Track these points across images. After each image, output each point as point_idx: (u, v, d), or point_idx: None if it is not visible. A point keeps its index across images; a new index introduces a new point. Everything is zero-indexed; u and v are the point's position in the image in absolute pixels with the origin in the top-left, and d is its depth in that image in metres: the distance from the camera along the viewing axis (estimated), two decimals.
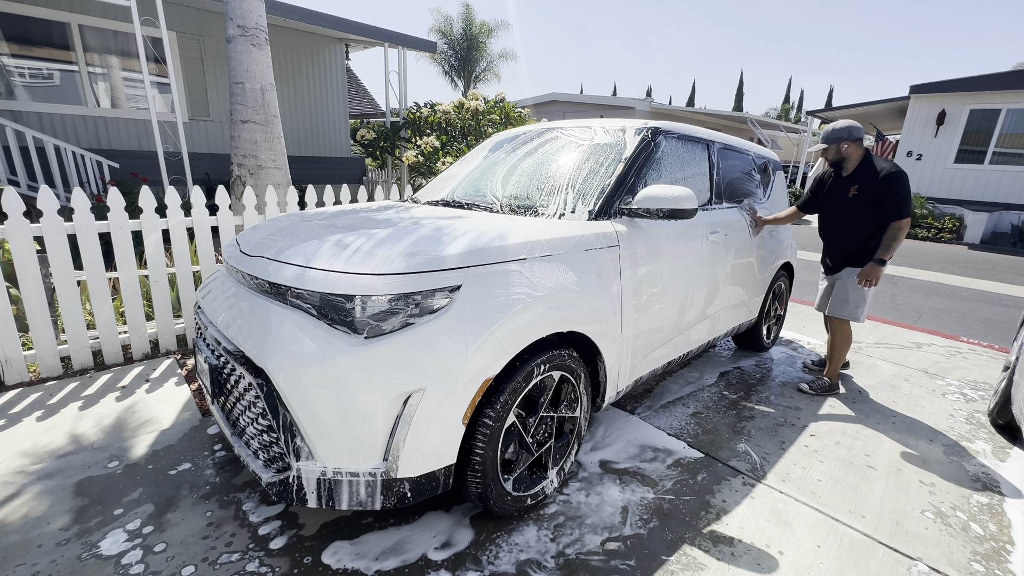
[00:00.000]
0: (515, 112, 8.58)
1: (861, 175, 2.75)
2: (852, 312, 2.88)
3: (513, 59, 22.49)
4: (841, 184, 2.85)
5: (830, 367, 3.03)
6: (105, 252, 3.03)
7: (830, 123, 2.83)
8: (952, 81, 11.29)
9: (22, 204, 2.56)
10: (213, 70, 8.66)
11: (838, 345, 2.99)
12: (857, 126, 2.74)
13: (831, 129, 2.78)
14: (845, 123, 2.76)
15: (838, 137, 2.74)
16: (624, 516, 1.87)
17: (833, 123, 2.80)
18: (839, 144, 2.75)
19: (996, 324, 4.72)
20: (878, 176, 2.66)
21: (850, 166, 2.80)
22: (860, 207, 2.75)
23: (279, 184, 3.65)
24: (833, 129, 2.77)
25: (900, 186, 2.60)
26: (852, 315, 2.88)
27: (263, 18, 3.46)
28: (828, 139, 2.78)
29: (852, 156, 2.78)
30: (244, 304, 1.71)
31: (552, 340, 1.80)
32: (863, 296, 2.84)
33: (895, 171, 2.62)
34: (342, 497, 1.47)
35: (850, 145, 2.74)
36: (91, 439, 2.21)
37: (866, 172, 2.72)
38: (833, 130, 2.77)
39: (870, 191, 2.69)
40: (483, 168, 2.75)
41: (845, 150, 2.77)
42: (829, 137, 2.77)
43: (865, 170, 2.73)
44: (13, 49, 7.06)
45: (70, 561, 1.57)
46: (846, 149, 2.76)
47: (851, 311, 2.88)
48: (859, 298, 2.85)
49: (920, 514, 1.97)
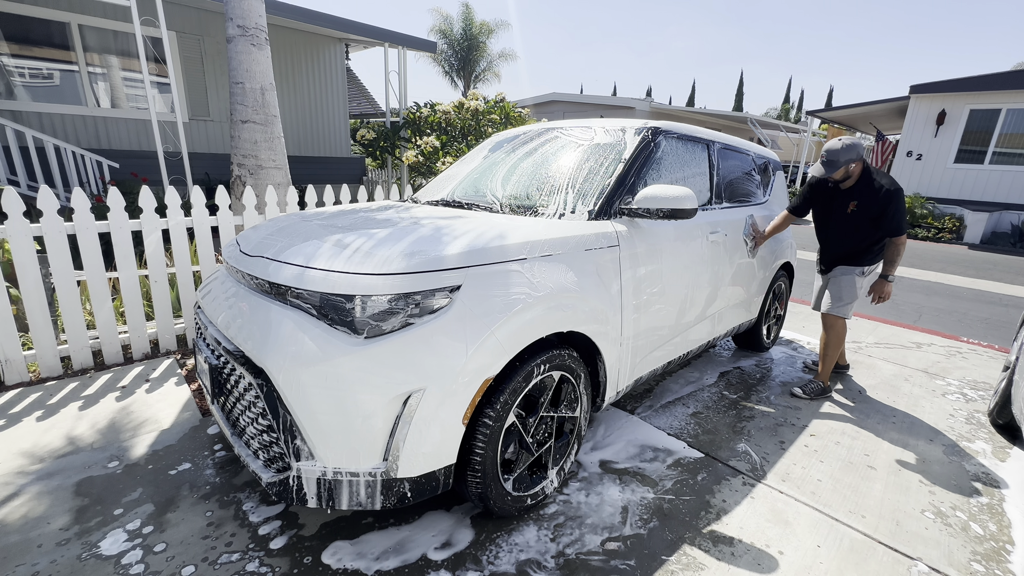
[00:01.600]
0: (515, 112, 8.58)
1: (861, 191, 2.73)
2: (843, 309, 2.89)
3: (513, 59, 22.51)
4: (840, 197, 2.83)
5: (822, 368, 3.00)
6: (105, 252, 3.03)
7: (833, 142, 2.67)
8: (952, 81, 11.28)
9: (22, 204, 2.56)
10: (213, 70, 8.66)
11: (831, 343, 2.97)
12: (861, 145, 2.67)
13: (839, 149, 2.64)
14: (850, 142, 2.64)
15: (848, 160, 2.64)
16: (624, 516, 1.87)
17: (836, 143, 2.66)
18: (847, 166, 2.69)
19: (996, 324, 4.72)
20: (878, 194, 2.65)
21: (850, 182, 2.78)
22: (858, 222, 2.77)
23: (279, 184, 3.65)
24: (844, 148, 2.63)
25: (899, 205, 2.64)
26: (843, 312, 2.89)
27: (263, 18, 3.46)
28: (835, 162, 2.65)
29: (855, 172, 2.76)
30: (244, 304, 1.71)
31: (552, 340, 1.80)
32: (854, 295, 2.88)
33: (894, 189, 2.64)
34: (342, 497, 1.47)
35: (856, 164, 2.71)
36: (91, 439, 2.21)
37: (866, 188, 2.71)
38: (843, 149, 2.63)
39: (869, 208, 2.70)
40: (483, 168, 2.75)
41: (852, 169, 2.73)
42: (837, 160, 2.65)
43: (866, 186, 2.72)
44: (13, 49, 7.06)
45: (70, 561, 1.57)
46: (853, 168, 2.72)
47: (842, 308, 2.90)
48: (851, 296, 2.88)
49: (920, 514, 1.96)
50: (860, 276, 2.88)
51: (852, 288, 2.87)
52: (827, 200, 2.92)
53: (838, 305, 2.89)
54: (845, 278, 2.88)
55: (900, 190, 2.64)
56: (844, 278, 2.88)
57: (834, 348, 2.96)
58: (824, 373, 3.00)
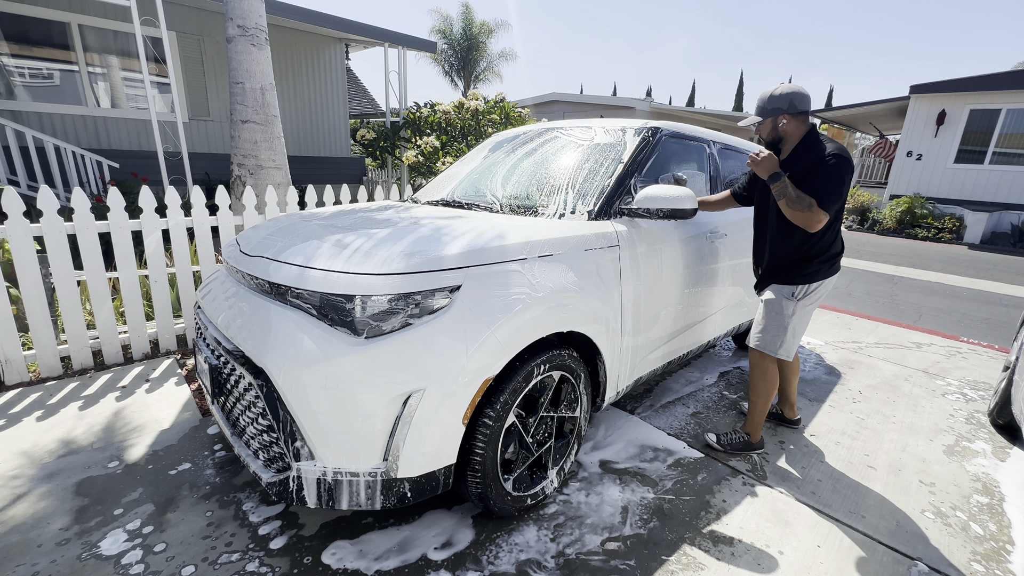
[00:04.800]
0: (515, 112, 8.58)
1: (796, 161, 2.02)
2: (768, 342, 2.16)
3: (513, 59, 22.52)
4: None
5: (749, 418, 2.31)
6: (105, 252, 3.03)
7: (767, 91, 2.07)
8: (952, 81, 11.28)
9: (22, 204, 2.56)
10: (213, 70, 8.66)
11: (756, 387, 2.24)
12: (803, 94, 2.00)
13: (768, 96, 2.04)
14: (786, 88, 2.01)
15: (775, 108, 2.01)
16: (624, 516, 1.87)
17: (767, 89, 2.07)
18: (776, 118, 2.03)
19: (996, 324, 4.72)
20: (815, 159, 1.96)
21: (787, 148, 2.07)
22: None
23: (279, 184, 3.65)
24: (771, 96, 2.03)
25: (833, 173, 1.92)
26: (768, 346, 2.16)
27: (263, 18, 3.46)
28: (763, 110, 2.05)
29: (791, 135, 2.04)
30: (244, 304, 1.71)
31: (552, 340, 1.80)
32: (781, 325, 2.13)
33: (835, 156, 1.92)
34: (342, 497, 1.47)
35: (790, 120, 2.01)
36: (91, 439, 2.21)
37: (802, 158, 2.01)
38: (771, 97, 2.02)
39: (803, 177, 1.98)
40: (483, 168, 2.75)
41: (783, 127, 2.03)
42: (764, 108, 2.04)
43: (802, 155, 2.01)
44: (13, 49, 7.06)
45: (70, 561, 1.57)
46: (784, 125, 2.02)
47: (767, 341, 2.17)
48: (776, 326, 2.14)
49: (920, 514, 1.96)
50: (789, 299, 2.12)
51: (777, 316, 2.13)
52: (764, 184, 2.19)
53: (762, 337, 2.18)
54: (771, 301, 2.16)
55: (846, 161, 1.91)
56: (770, 301, 2.17)
57: (760, 395, 2.24)
58: (751, 424, 2.30)
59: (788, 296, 2.13)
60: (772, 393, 2.25)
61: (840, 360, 3.53)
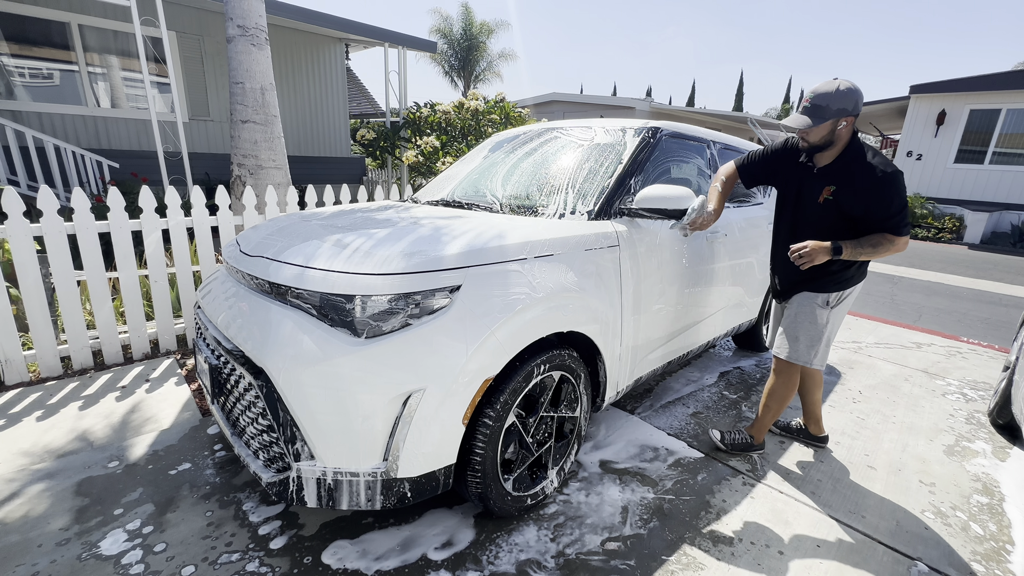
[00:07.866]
0: (515, 112, 8.58)
1: (844, 171, 1.87)
2: (802, 353, 2.08)
3: (513, 59, 22.50)
4: (811, 178, 1.97)
5: (758, 420, 2.29)
6: (105, 252, 3.03)
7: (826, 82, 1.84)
8: (952, 81, 11.28)
9: (22, 204, 2.56)
10: (213, 70, 8.66)
11: (777, 393, 2.18)
12: (861, 91, 1.81)
13: (832, 93, 1.78)
14: (847, 84, 1.79)
15: (840, 109, 1.78)
16: (624, 516, 1.87)
17: (825, 85, 1.82)
18: (836, 120, 1.80)
19: (996, 324, 4.72)
20: (871, 177, 1.79)
21: (831, 153, 1.91)
22: (833, 219, 1.93)
23: (279, 184, 3.66)
24: (836, 93, 1.78)
25: (900, 192, 1.79)
26: (801, 357, 2.08)
27: (263, 18, 3.46)
28: (824, 111, 1.80)
29: (842, 139, 1.86)
30: (244, 304, 1.71)
31: (552, 340, 1.80)
32: (817, 334, 2.05)
33: (891, 171, 1.78)
34: (342, 497, 1.47)
35: (848, 124, 1.82)
36: (91, 439, 2.21)
37: (853, 167, 1.84)
38: (836, 94, 1.78)
39: (854, 198, 1.84)
40: (483, 168, 2.75)
41: (841, 130, 1.83)
42: (827, 108, 1.79)
43: (853, 163, 1.85)
44: (13, 49, 7.06)
45: (70, 561, 1.57)
46: (843, 129, 1.83)
47: (801, 352, 2.08)
48: (811, 335, 2.06)
49: (920, 514, 1.96)
50: (823, 308, 2.04)
51: (812, 326, 2.05)
52: (793, 179, 2.05)
53: (796, 348, 2.08)
54: (803, 310, 2.07)
55: (900, 173, 1.79)
56: (802, 310, 2.08)
57: (778, 400, 2.19)
58: (759, 427, 2.28)
59: (822, 305, 2.04)
60: (790, 399, 2.21)
61: (840, 360, 3.53)
